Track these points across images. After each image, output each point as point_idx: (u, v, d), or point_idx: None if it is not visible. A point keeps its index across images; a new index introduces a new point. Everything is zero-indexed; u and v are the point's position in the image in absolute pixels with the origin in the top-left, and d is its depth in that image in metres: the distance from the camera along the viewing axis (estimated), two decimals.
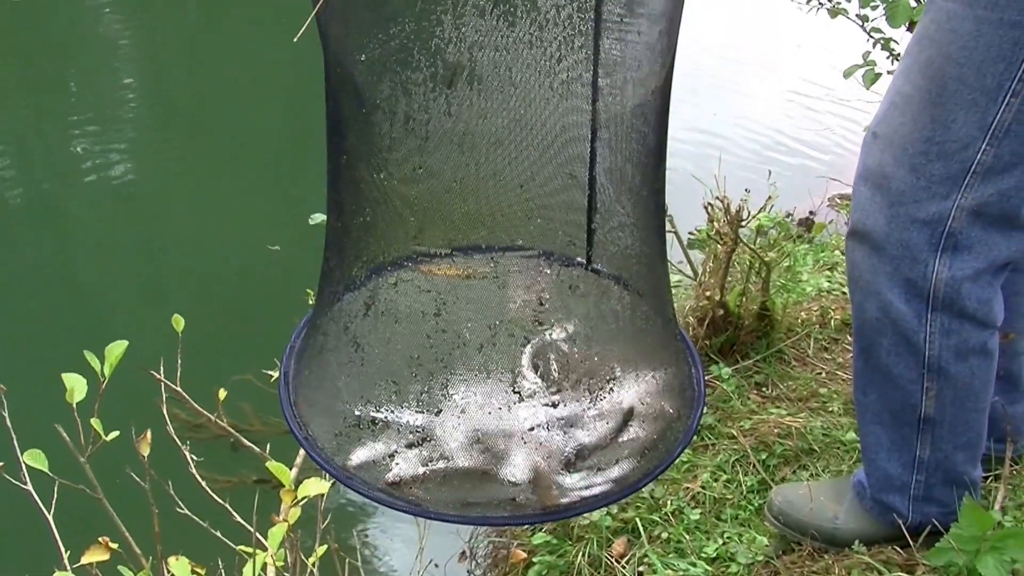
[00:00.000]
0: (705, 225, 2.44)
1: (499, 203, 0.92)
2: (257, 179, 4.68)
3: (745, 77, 5.38)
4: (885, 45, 3.11)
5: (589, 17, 0.83)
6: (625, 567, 1.90)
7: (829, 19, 3.18)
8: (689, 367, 1.03)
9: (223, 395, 1.74)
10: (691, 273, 2.72)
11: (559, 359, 0.93)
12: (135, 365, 1.54)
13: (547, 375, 0.93)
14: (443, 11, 0.81)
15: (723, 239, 2.28)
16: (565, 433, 0.91)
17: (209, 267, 4.03)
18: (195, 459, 1.68)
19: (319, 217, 1.81)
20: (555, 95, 0.87)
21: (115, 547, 1.38)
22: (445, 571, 2.12)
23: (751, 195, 2.37)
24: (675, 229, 2.62)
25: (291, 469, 1.57)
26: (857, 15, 3.13)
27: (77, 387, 1.40)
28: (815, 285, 2.72)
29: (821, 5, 3.19)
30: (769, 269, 2.36)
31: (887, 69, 2.92)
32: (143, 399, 1.86)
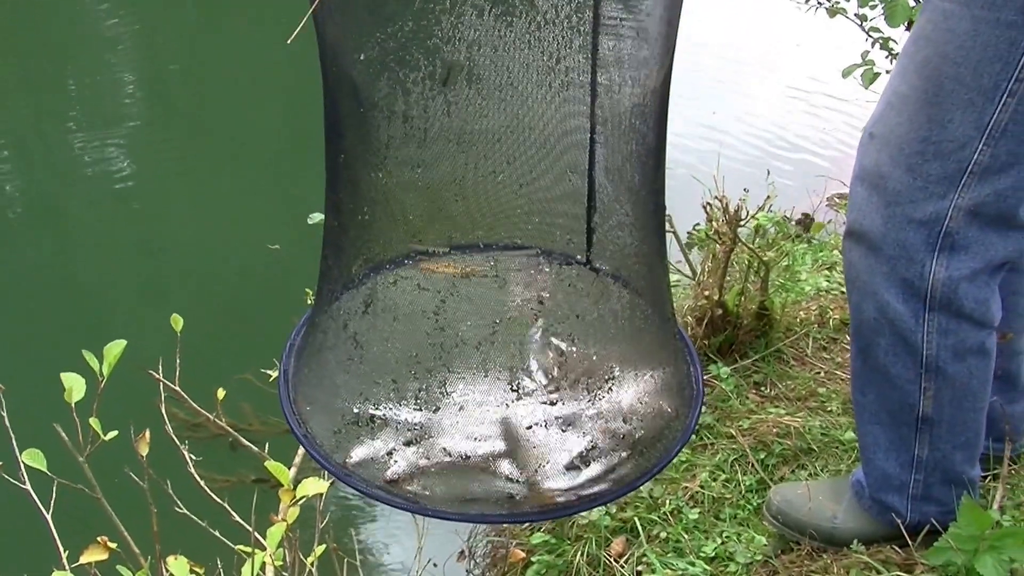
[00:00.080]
0: (704, 225, 2.44)
1: (498, 202, 0.92)
2: (257, 179, 4.67)
3: (744, 76, 5.38)
4: (884, 44, 3.10)
5: (587, 16, 0.83)
6: (624, 566, 1.90)
7: (828, 19, 3.18)
8: (687, 366, 1.03)
9: (222, 395, 1.74)
10: (690, 273, 2.72)
11: (558, 357, 0.93)
12: (134, 365, 1.54)
13: (546, 373, 0.93)
14: (441, 10, 0.81)
15: (722, 239, 2.28)
16: (563, 431, 0.91)
17: (208, 267, 4.02)
18: (194, 459, 1.67)
19: (317, 216, 1.81)
20: (554, 94, 0.87)
21: (114, 547, 1.38)
22: (444, 570, 2.11)
23: (750, 195, 2.37)
24: (674, 229, 2.62)
25: (290, 468, 1.57)
26: (856, 14, 3.13)
27: (76, 387, 1.40)
28: (814, 284, 2.72)
29: (820, 5, 3.18)
30: (768, 268, 2.36)
31: (886, 68, 2.92)
32: (142, 399, 1.86)
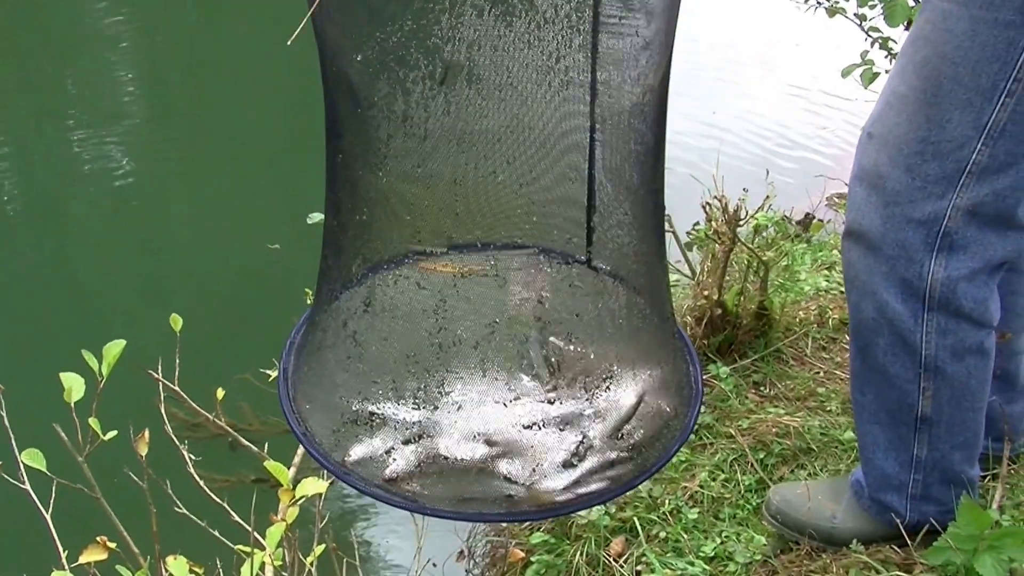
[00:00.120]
0: (703, 224, 2.44)
1: (498, 201, 0.92)
2: (256, 179, 4.67)
3: (744, 76, 5.38)
4: (883, 44, 3.10)
5: (587, 16, 0.83)
6: (623, 566, 1.90)
7: (827, 18, 3.18)
8: (687, 365, 1.03)
9: (221, 394, 1.74)
10: (689, 272, 2.72)
11: (556, 357, 0.93)
12: (133, 364, 1.54)
13: (544, 372, 0.93)
14: (441, 10, 0.81)
15: (721, 238, 2.28)
16: (562, 430, 0.91)
17: (208, 267, 4.02)
18: (193, 458, 1.67)
19: (317, 216, 1.80)
20: (553, 94, 0.87)
21: (113, 546, 1.38)
22: (443, 570, 2.11)
23: (749, 194, 2.37)
24: (673, 228, 2.62)
25: (289, 468, 1.57)
26: (855, 14, 3.13)
27: (75, 386, 1.40)
28: (813, 284, 2.72)
29: (819, 4, 3.18)
30: (767, 268, 2.36)
31: (885, 68, 2.92)
32: (141, 398, 1.86)
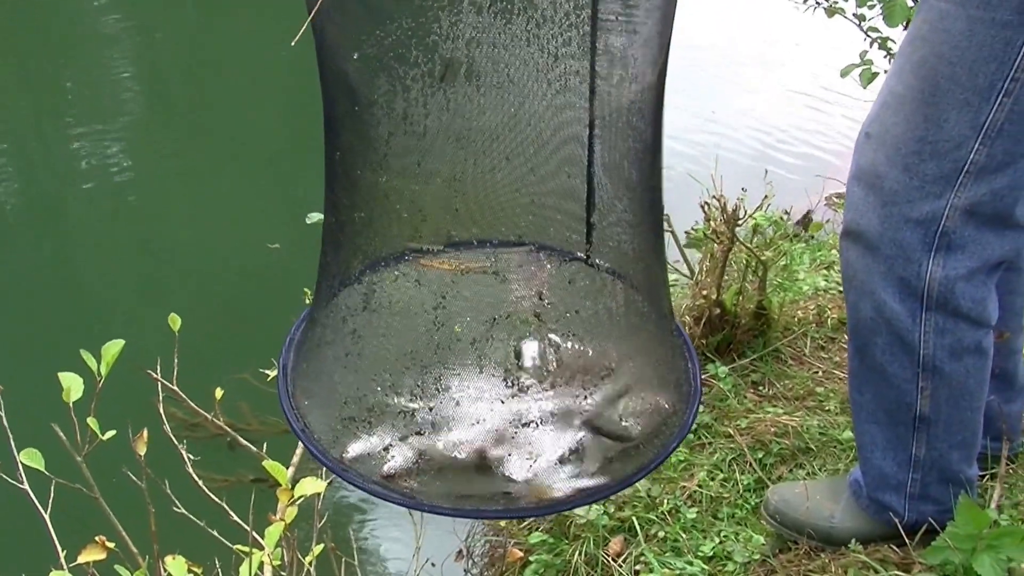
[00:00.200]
0: (702, 224, 2.44)
1: (497, 198, 0.92)
2: (256, 178, 4.68)
3: (743, 76, 5.38)
4: (882, 44, 3.10)
5: (585, 13, 0.84)
6: (622, 566, 1.90)
7: (826, 18, 3.18)
8: (685, 362, 1.03)
9: (220, 394, 1.74)
10: (688, 272, 2.72)
11: (555, 353, 0.94)
12: (132, 364, 1.54)
13: (543, 369, 0.93)
14: (440, 8, 0.81)
15: (720, 238, 2.28)
16: (560, 427, 0.91)
17: (207, 266, 4.02)
18: (192, 458, 1.68)
19: (316, 216, 1.81)
20: (552, 91, 0.87)
21: (112, 546, 1.38)
22: (442, 570, 2.11)
23: (748, 194, 2.37)
24: (672, 228, 2.63)
25: (288, 468, 1.57)
26: (854, 14, 3.13)
27: (74, 386, 1.40)
28: (812, 284, 2.72)
29: (818, 4, 3.18)
30: (766, 268, 2.36)
31: (884, 68, 2.92)
32: (140, 398, 1.87)
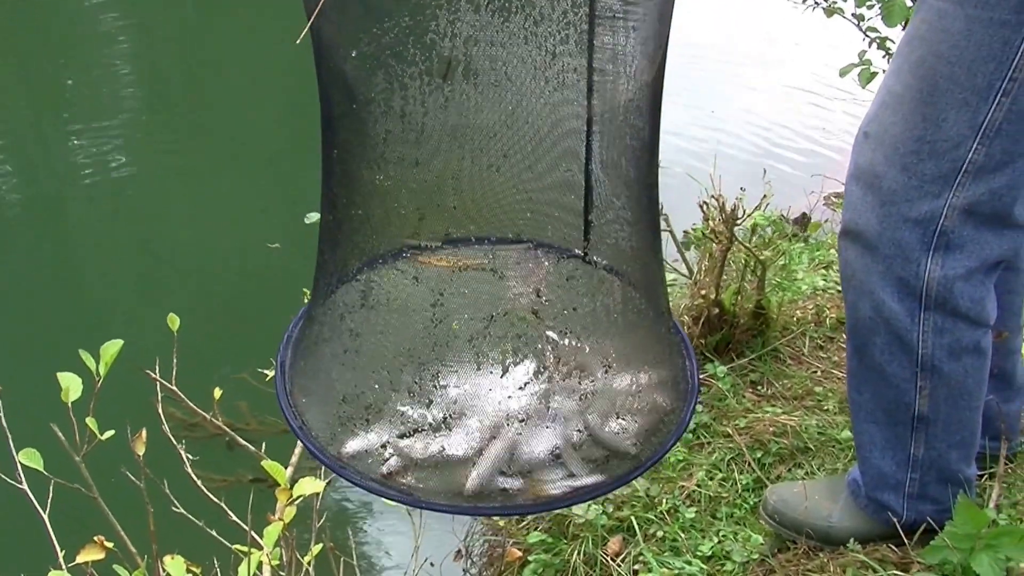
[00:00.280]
0: (701, 224, 2.44)
1: (495, 196, 0.92)
2: (255, 178, 4.68)
3: (743, 75, 5.39)
4: (881, 44, 3.11)
5: (583, 11, 0.84)
6: (620, 565, 1.90)
7: (825, 18, 3.19)
8: (683, 360, 1.03)
9: (219, 394, 1.74)
10: (686, 272, 2.72)
11: (553, 351, 0.93)
12: (131, 364, 1.54)
13: (540, 367, 0.93)
14: (437, 6, 0.82)
15: (718, 238, 2.28)
16: (557, 425, 0.91)
17: (206, 266, 4.02)
18: (190, 458, 1.68)
19: (315, 216, 1.81)
20: (550, 89, 0.87)
21: (110, 546, 1.38)
22: (441, 570, 2.12)
23: (746, 193, 2.37)
24: (670, 228, 2.62)
25: (287, 468, 1.57)
26: (853, 14, 3.13)
27: (72, 386, 1.40)
28: (810, 283, 2.72)
29: (817, 4, 3.19)
30: (764, 267, 2.36)
31: (883, 68, 2.92)
32: (139, 398, 1.87)
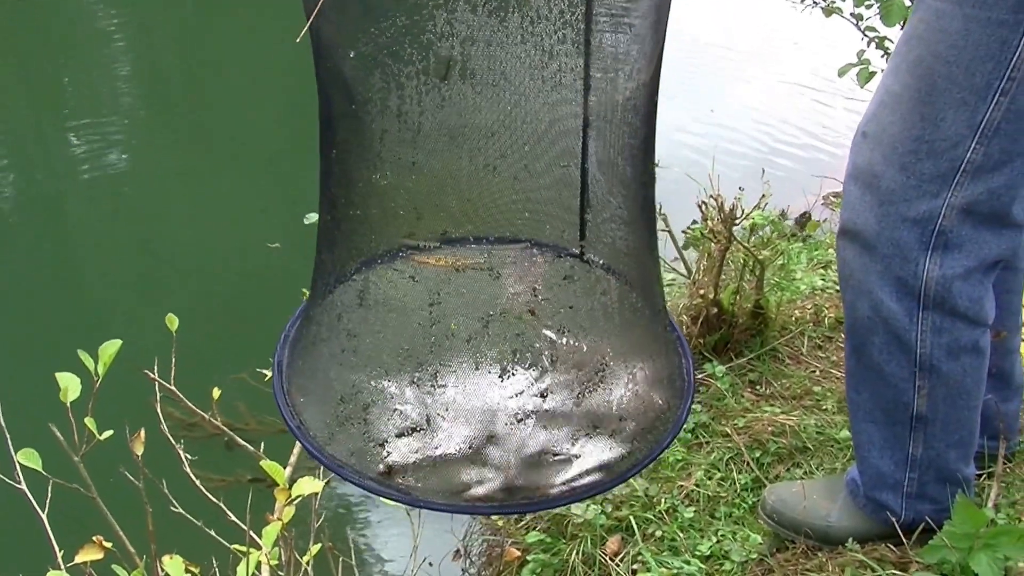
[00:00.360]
0: (699, 223, 2.44)
1: (492, 195, 0.92)
2: (255, 178, 4.68)
3: (742, 75, 5.39)
4: (880, 44, 3.11)
5: (579, 11, 0.84)
6: (619, 565, 1.90)
7: (824, 18, 3.19)
8: (679, 358, 1.03)
9: (217, 394, 1.74)
10: (685, 271, 2.73)
11: (549, 350, 0.94)
12: (130, 364, 1.54)
13: (537, 366, 0.93)
14: (435, 6, 0.82)
15: (717, 237, 2.28)
16: (554, 423, 0.91)
17: (205, 266, 4.02)
18: (189, 458, 1.68)
19: (314, 217, 1.81)
20: (547, 88, 0.87)
21: (109, 546, 1.38)
22: (439, 569, 2.12)
23: (745, 193, 2.37)
24: (669, 228, 2.63)
25: (285, 468, 1.58)
26: (851, 14, 3.14)
27: (71, 386, 1.40)
28: (809, 283, 2.72)
29: (815, 4, 3.19)
30: (763, 267, 2.36)
31: (881, 67, 2.92)
32: (137, 398, 1.86)
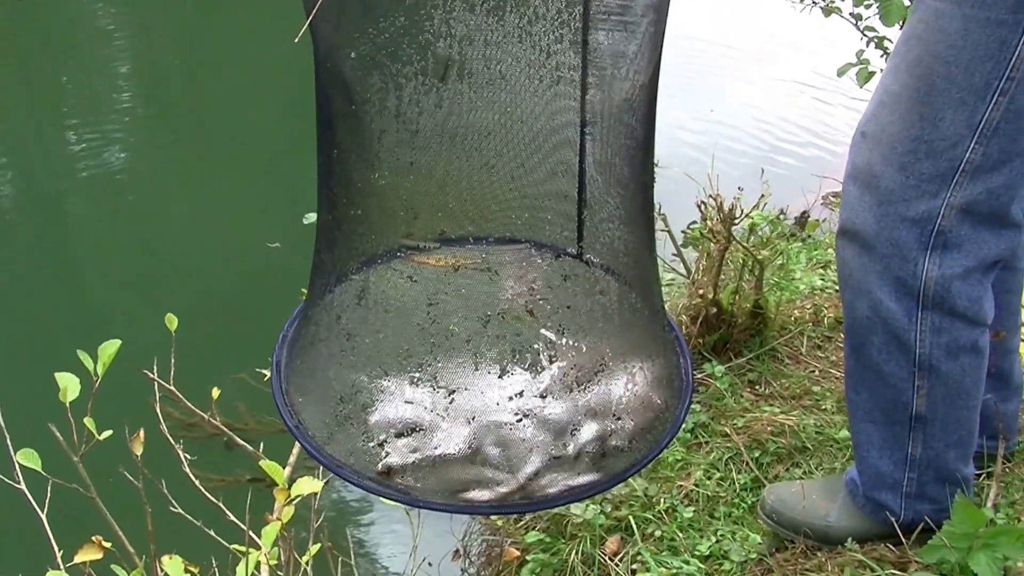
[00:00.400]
0: (699, 223, 2.44)
1: (490, 195, 0.92)
2: (255, 178, 4.68)
3: (741, 75, 5.39)
4: (879, 44, 3.11)
5: (577, 11, 0.84)
6: (619, 565, 1.90)
7: (823, 18, 3.19)
8: (677, 357, 1.03)
9: (217, 394, 1.74)
10: (684, 271, 2.73)
11: (548, 350, 0.94)
12: (129, 364, 1.54)
13: (536, 366, 0.93)
14: (433, 6, 0.82)
15: (716, 237, 2.28)
16: (553, 423, 0.91)
17: (204, 266, 4.02)
18: (189, 458, 1.68)
19: (313, 217, 1.81)
20: (545, 88, 0.87)
21: (108, 546, 1.38)
22: (439, 569, 2.12)
23: (744, 193, 2.37)
24: (668, 228, 2.63)
25: (285, 468, 1.58)
26: (851, 14, 3.14)
27: (70, 386, 1.40)
28: (808, 283, 2.72)
29: (814, 4, 3.19)
30: (762, 267, 2.36)
31: (881, 67, 2.92)
32: (137, 398, 1.86)
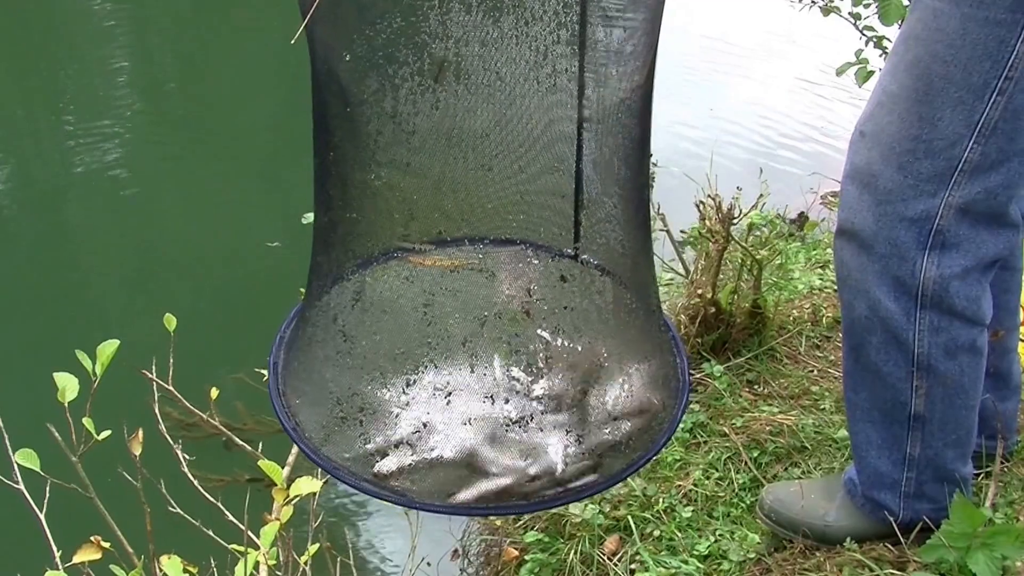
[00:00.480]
0: (697, 223, 2.44)
1: (487, 196, 0.92)
2: (254, 178, 4.68)
3: (740, 75, 5.38)
4: (878, 43, 3.11)
5: (574, 12, 0.84)
6: (617, 565, 1.91)
7: (822, 17, 3.19)
8: (674, 357, 1.03)
9: (216, 394, 1.74)
10: (683, 271, 2.72)
11: (545, 350, 0.94)
12: (128, 364, 1.54)
13: (533, 367, 0.93)
14: (429, 7, 0.82)
15: (715, 237, 2.28)
16: (550, 424, 0.92)
17: (203, 266, 4.02)
18: (187, 458, 1.68)
19: (311, 217, 1.81)
20: (542, 89, 0.87)
21: (107, 546, 1.38)
22: (438, 569, 2.12)
23: (743, 193, 2.37)
24: (667, 227, 2.63)
25: (283, 468, 1.58)
26: (849, 13, 3.14)
27: (69, 386, 1.40)
28: (807, 283, 2.72)
29: (813, 3, 3.19)
30: (761, 267, 2.36)
31: (879, 67, 2.92)
32: (135, 398, 1.86)
